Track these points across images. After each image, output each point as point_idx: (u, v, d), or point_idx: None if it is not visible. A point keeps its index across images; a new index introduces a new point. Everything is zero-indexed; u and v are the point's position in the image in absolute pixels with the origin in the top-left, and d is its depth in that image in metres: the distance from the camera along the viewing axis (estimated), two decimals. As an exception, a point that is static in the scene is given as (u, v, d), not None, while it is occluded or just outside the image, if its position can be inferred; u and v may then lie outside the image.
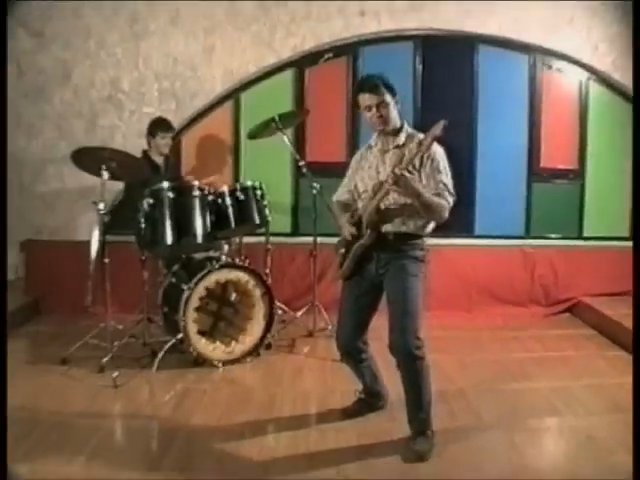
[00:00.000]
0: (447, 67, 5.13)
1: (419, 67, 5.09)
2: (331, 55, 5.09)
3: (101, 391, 3.39)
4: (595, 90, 5.20)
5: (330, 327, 4.23)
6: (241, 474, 2.58)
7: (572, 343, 4.39)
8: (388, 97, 2.72)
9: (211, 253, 4.09)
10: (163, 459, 2.68)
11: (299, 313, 4.51)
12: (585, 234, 5.31)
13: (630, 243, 5.18)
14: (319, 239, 4.34)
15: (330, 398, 3.31)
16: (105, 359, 3.62)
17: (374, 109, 2.71)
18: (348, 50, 5.07)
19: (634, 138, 4.63)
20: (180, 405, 3.25)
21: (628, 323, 4.24)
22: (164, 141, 4.31)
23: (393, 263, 2.76)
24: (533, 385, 3.59)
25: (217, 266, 3.81)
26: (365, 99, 2.72)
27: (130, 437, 3.01)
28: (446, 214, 2.68)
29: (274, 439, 2.92)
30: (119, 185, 4.39)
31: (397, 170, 2.54)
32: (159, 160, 4.36)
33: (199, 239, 3.76)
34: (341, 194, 3.03)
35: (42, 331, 4.44)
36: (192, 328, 3.73)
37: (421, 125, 2.85)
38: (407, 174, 2.54)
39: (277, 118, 4.29)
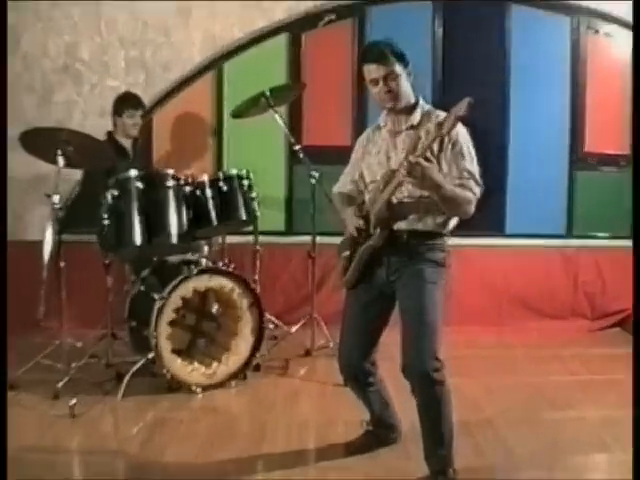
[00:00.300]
0: (473, 32, 5.14)
1: (439, 31, 5.11)
2: (333, 17, 5.10)
3: (56, 422, 3.39)
4: (650, 59, 5.22)
5: (331, 344, 4.24)
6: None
7: (623, 364, 4.37)
8: (398, 67, 2.72)
9: (188, 256, 4.11)
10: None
11: (294, 328, 4.52)
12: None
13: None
14: (318, 239, 4.35)
15: (331, 430, 3.31)
16: (60, 383, 3.62)
17: (381, 82, 2.72)
18: (353, 11, 5.09)
19: (633, 138, 4.67)
20: (151, 439, 3.25)
21: (690, 340, 4.26)
22: (132, 120, 4.32)
23: (407, 268, 2.76)
24: (576, 414, 3.60)
25: (195, 271, 3.82)
26: (371, 71, 2.72)
27: (90, 477, 3.01)
28: (472, 208, 2.68)
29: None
30: (78, 173, 4.40)
31: (412, 158, 2.54)
32: (126, 143, 4.37)
33: (174, 239, 3.77)
34: (343, 185, 3.03)
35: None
36: (165, 346, 3.74)
37: (441, 101, 2.87)
38: (423, 162, 2.54)
39: (268, 93, 4.31)
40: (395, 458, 3.03)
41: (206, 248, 4.25)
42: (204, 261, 4.01)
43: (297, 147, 4.35)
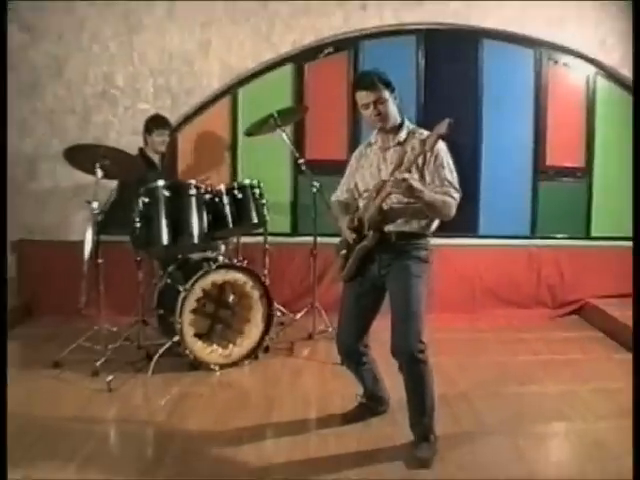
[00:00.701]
0: (450, 62, 5.13)
1: (422, 62, 5.09)
2: (331, 50, 5.08)
3: (95, 395, 3.39)
4: (602, 85, 5.21)
5: (330, 329, 4.23)
6: (239, 480, 2.59)
7: (579, 346, 4.39)
8: (386, 93, 2.71)
9: (208, 253, 4.09)
10: (158, 465, 2.68)
11: (298, 315, 4.50)
12: (593, 234, 5.31)
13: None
14: (319, 239, 4.34)
15: (330, 402, 3.31)
16: (99, 362, 3.63)
17: (372, 106, 2.71)
18: (349, 44, 5.07)
19: (634, 137, 4.65)
20: (176, 410, 3.25)
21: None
22: (160, 138, 4.31)
23: (396, 264, 2.76)
24: (539, 389, 3.59)
25: (214, 267, 3.81)
26: (362, 97, 2.72)
27: (124, 443, 3.01)
28: (453, 211, 2.68)
29: (273, 444, 2.92)
30: (113, 183, 4.40)
31: (397, 175, 2.53)
32: (155, 158, 4.36)
33: (195, 239, 3.76)
34: (340, 193, 3.02)
35: (34, 334, 4.45)
36: (188, 331, 3.73)
37: (424, 121, 2.86)
38: (407, 175, 2.53)
39: (276, 115, 4.30)
40: (384, 426, 3.03)
41: (223, 247, 4.25)
42: (221, 258, 4.00)
43: (300, 161, 4.34)
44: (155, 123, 4.31)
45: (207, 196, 3.85)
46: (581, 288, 5.11)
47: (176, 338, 3.69)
